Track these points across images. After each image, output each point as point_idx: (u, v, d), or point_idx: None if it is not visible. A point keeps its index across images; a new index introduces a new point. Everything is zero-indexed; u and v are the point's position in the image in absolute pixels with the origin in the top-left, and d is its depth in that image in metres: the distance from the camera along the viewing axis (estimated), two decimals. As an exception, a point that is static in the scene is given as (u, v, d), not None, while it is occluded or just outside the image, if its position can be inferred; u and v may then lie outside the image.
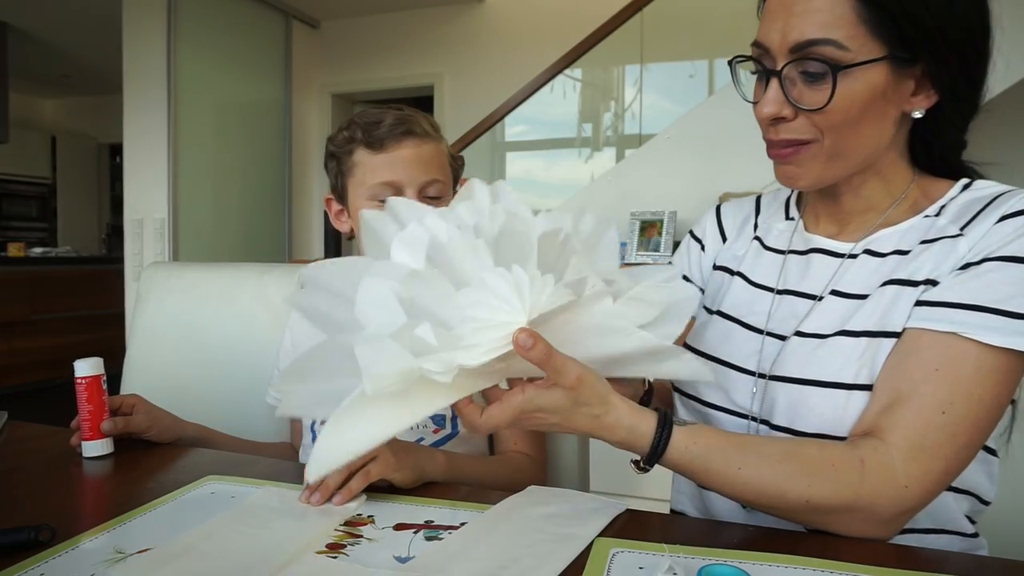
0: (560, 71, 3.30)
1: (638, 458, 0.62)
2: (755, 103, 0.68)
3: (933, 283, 0.64)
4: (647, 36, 3.45)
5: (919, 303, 0.63)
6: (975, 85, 0.67)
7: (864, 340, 0.65)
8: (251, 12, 3.97)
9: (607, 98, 4.07)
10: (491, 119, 3.37)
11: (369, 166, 0.94)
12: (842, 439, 0.64)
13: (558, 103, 3.94)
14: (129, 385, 1.26)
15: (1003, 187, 0.67)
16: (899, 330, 0.64)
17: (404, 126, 0.93)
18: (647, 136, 3.34)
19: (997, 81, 0.67)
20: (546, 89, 3.44)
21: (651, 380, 0.79)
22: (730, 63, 0.72)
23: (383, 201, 0.93)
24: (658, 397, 0.82)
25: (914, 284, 0.65)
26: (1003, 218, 0.62)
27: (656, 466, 0.62)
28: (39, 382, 4.70)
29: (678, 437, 0.60)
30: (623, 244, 2.91)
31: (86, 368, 0.84)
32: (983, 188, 0.68)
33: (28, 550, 0.55)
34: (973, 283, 0.60)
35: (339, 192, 1.00)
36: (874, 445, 0.59)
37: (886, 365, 0.63)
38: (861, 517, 0.59)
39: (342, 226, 1.01)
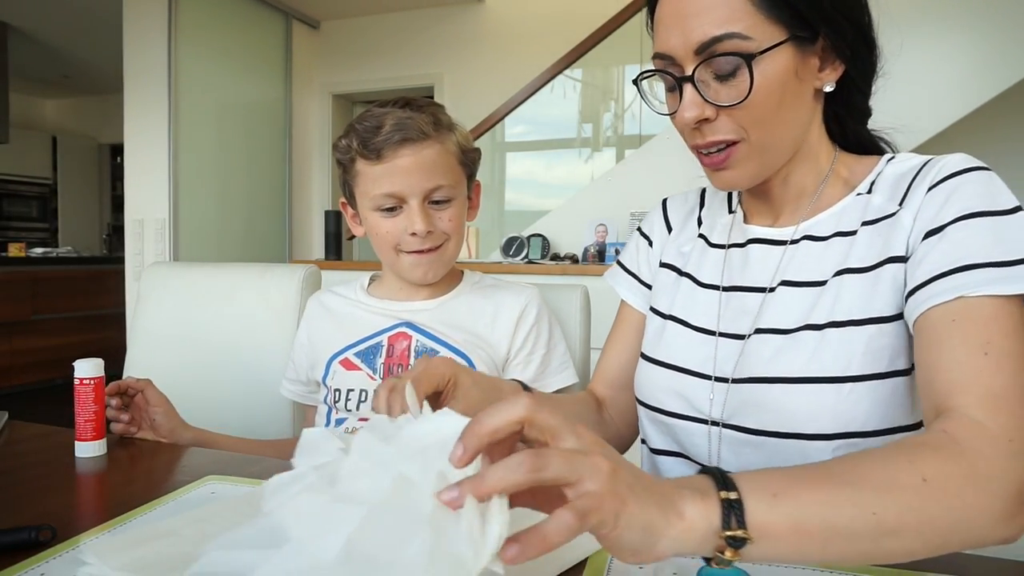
0: (560, 71, 3.29)
1: (716, 551, 0.42)
2: (672, 114, 0.68)
3: (892, 260, 0.64)
4: (647, 36, 3.45)
5: (910, 294, 0.61)
6: (871, 46, 0.68)
7: (830, 331, 0.65)
8: (251, 12, 3.97)
9: (607, 98, 4.06)
10: (491, 119, 3.37)
11: (370, 177, 0.91)
12: (824, 436, 0.63)
13: (558, 103, 3.94)
14: (129, 385, 1.26)
15: (923, 157, 0.68)
16: (867, 317, 0.64)
17: (401, 132, 0.88)
18: (647, 136, 3.33)
19: (999, 79, 0.69)
20: (546, 89, 3.43)
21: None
22: (635, 82, 0.71)
23: (389, 209, 0.92)
24: None
25: (869, 269, 0.65)
26: (931, 188, 0.63)
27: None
28: (39, 382, 4.71)
29: (746, 486, 0.43)
30: (623, 244, 2.91)
31: (89, 369, 0.84)
32: (906, 160, 0.69)
33: (28, 550, 0.55)
34: (948, 247, 0.60)
35: (349, 198, 0.99)
36: (947, 416, 0.53)
37: (916, 367, 0.60)
38: (988, 491, 0.48)
39: (357, 230, 1.00)
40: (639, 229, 0.91)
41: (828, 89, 0.67)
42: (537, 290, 1.02)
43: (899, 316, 0.64)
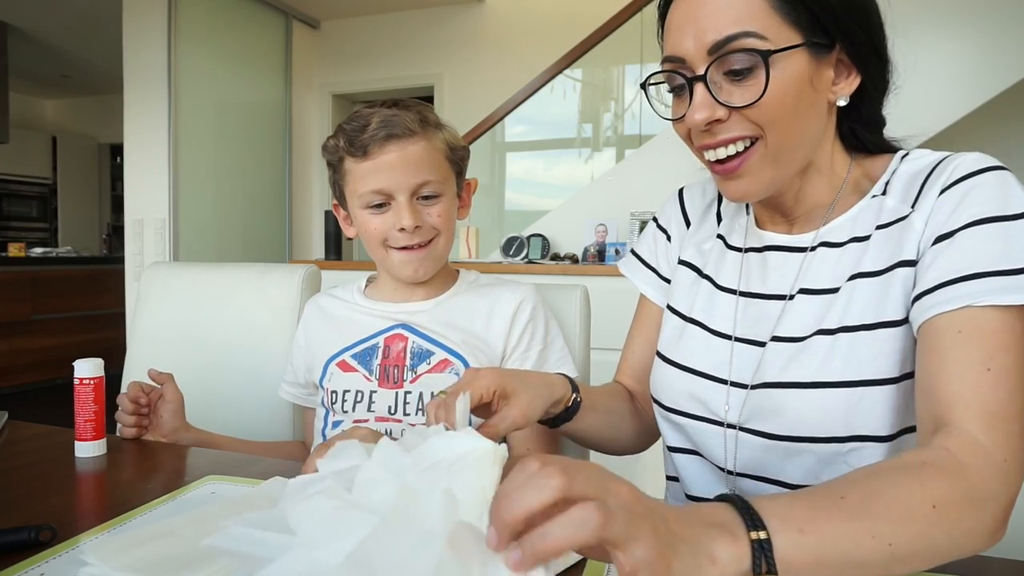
0: (560, 71, 3.29)
1: None
2: (678, 119, 0.66)
3: (903, 264, 0.63)
4: (647, 36, 3.45)
5: (917, 298, 0.61)
6: (884, 59, 0.68)
7: (842, 336, 0.65)
8: (251, 12, 3.97)
9: (607, 98, 4.06)
10: (491, 119, 3.37)
11: (358, 174, 0.92)
12: (837, 439, 0.63)
13: (558, 103, 3.94)
14: (129, 385, 1.26)
15: (938, 155, 0.67)
16: (879, 321, 0.63)
17: (386, 129, 0.89)
18: (647, 136, 3.33)
19: (1000, 79, 0.68)
20: (546, 89, 3.43)
21: (578, 390, 0.74)
22: (643, 86, 0.69)
23: (378, 206, 0.92)
24: (581, 419, 0.76)
25: (881, 273, 0.65)
26: (943, 191, 0.62)
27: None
28: (39, 382, 4.71)
29: (773, 523, 0.43)
30: (623, 244, 2.91)
31: (89, 369, 0.84)
32: (921, 157, 0.68)
33: (28, 550, 0.55)
34: (957, 254, 0.59)
35: (340, 199, 0.99)
36: (946, 432, 0.54)
37: (917, 372, 0.60)
38: (984, 513, 0.50)
39: (349, 231, 1.00)
40: (655, 219, 0.90)
41: (842, 103, 0.67)
42: (533, 287, 1.02)
43: (908, 320, 0.63)
